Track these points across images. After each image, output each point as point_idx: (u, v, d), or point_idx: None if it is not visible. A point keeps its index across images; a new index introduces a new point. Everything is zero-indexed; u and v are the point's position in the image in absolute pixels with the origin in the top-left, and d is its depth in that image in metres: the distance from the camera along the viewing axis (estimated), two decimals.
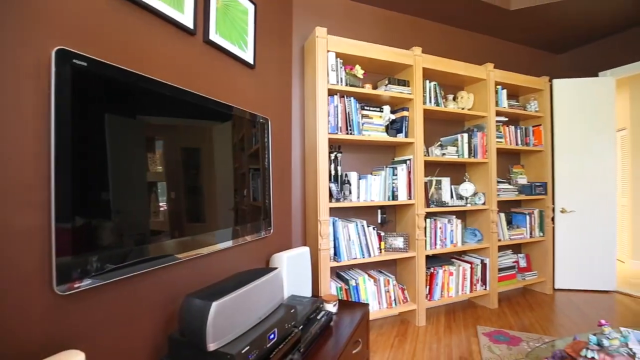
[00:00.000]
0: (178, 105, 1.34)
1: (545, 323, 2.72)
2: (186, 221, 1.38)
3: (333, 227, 2.35)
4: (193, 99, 1.41)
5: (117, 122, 1.08)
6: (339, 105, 2.36)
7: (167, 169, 1.29)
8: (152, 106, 1.23)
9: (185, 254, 1.35)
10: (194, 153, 1.46)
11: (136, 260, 1.12)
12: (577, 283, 3.52)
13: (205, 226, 1.49)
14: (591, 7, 2.98)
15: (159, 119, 1.26)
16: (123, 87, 1.10)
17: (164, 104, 1.27)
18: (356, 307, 2.06)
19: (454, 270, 2.85)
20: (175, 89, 1.31)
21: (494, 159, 3.03)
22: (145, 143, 1.20)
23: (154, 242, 1.21)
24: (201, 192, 1.47)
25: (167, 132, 1.30)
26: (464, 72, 2.90)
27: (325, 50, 2.30)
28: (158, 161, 1.25)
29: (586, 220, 3.50)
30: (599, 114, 3.50)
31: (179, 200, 1.34)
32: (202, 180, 1.48)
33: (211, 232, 1.51)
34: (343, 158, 2.63)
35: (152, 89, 1.21)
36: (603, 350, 1.22)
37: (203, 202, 1.49)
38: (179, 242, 1.31)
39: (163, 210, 1.26)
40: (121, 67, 1.09)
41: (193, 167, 1.44)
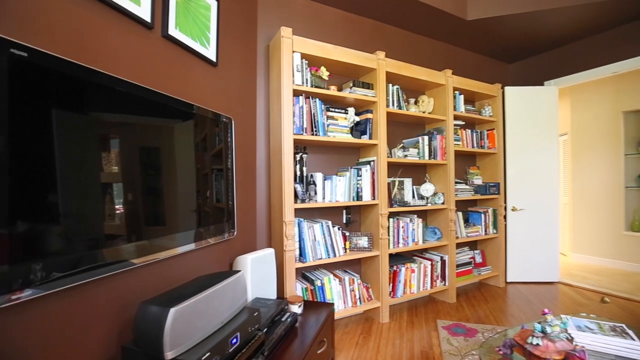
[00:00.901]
0: (135, 102, 1.27)
1: (498, 314, 2.90)
2: (144, 224, 1.31)
3: (298, 228, 2.35)
4: (151, 96, 1.34)
5: (66, 119, 1.00)
6: (304, 106, 2.36)
7: (124, 169, 1.21)
8: (107, 103, 1.15)
9: (143, 259, 1.28)
10: (153, 153, 1.39)
11: (87, 267, 1.05)
12: (526, 276, 3.79)
13: (165, 229, 1.42)
14: (538, 22, 3.23)
15: (114, 117, 1.19)
16: (72, 81, 1.02)
17: (120, 100, 1.20)
18: (321, 307, 2.07)
19: (416, 267, 2.96)
20: (131, 85, 1.24)
21: (452, 160, 3.18)
22: (99, 141, 1.13)
23: (109, 247, 1.14)
24: (161, 194, 1.41)
25: (123, 131, 1.22)
26: (424, 77, 3.03)
27: (290, 50, 2.29)
28: (113, 161, 1.18)
29: (534, 217, 3.79)
30: (544, 120, 3.81)
31: (136, 202, 1.27)
32: (162, 181, 1.42)
33: (172, 235, 1.45)
34: (308, 159, 2.64)
35: (105, 85, 1.13)
36: (546, 336, 1.33)
37: (163, 204, 1.42)
38: (136, 246, 1.25)
39: (119, 212, 1.19)
40: (69, 60, 1.01)
41: (152, 167, 1.37)
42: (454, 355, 2.17)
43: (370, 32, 3.12)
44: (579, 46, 3.70)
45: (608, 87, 4.62)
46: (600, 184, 4.71)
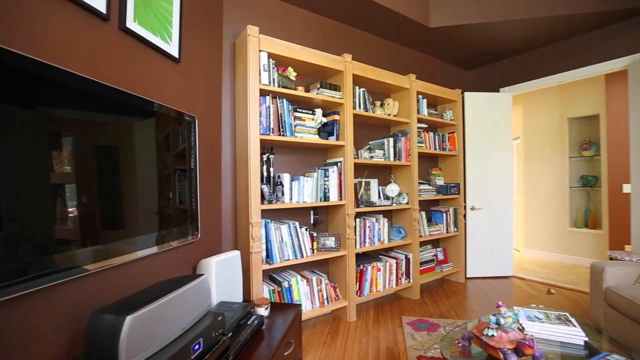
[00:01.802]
0: (89, 98, 1.19)
1: (458, 309, 3.04)
2: (101, 227, 1.23)
3: (265, 230, 2.32)
4: (107, 92, 1.26)
5: (8, 113, 0.91)
6: (271, 106, 2.34)
7: (77, 169, 1.13)
8: (57, 98, 1.07)
9: (99, 264, 1.20)
10: (111, 152, 1.31)
11: (34, 275, 0.96)
12: (483, 271, 4.02)
13: (124, 232, 1.34)
14: (495, 32, 3.44)
15: (66, 113, 1.10)
16: (17, 73, 0.94)
17: (72, 95, 1.12)
18: (288, 309, 2.06)
19: (382, 266, 3.03)
20: (83, 79, 1.16)
21: (416, 162, 3.30)
22: (48, 139, 1.04)
23: (60, 253, 1.05)
24: (120, 195, 1.33)
25: (76, 128, 1.14)
26: (390, 81, 3.11)
27: (257, 49, 2.26)
28: (66, 160, 1.09)
29: (490, 216, 4.02)
30: (499, 124, 4.06)
31: (92, 204, 1.19)
32: (121, 181, 1.34)
33: (131, 239, 1.37)
34: (275, 159, 2.62)
35: (55, 79, 1.05)
36: (500, 327, 1.41)
37: (122, 206, 1.34)
38: (91, 251, 1.16)
39: (72, 216, 1.11)
40: (11, 50, 0.93)
41: (110, 167, 1.29)
42: (417, 350, 2.24)
43: (338, 34, 3.16)
44: (530, 56, 3.98)
45: (555, 95, 5.01)
46: (549, 184, 5.10)
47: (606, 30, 3.34)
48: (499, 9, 3.18)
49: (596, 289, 2.50)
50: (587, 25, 3.30)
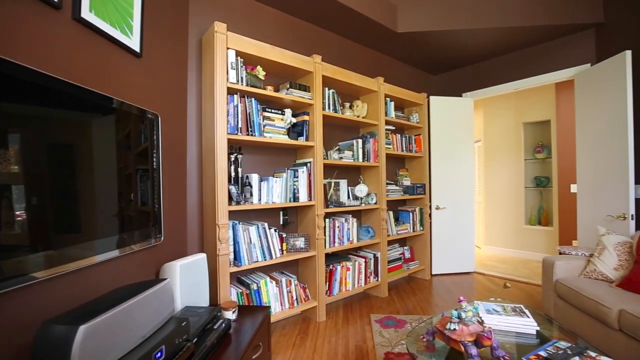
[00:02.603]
0: (39, 92, 1.10)
1: (424, 305, 3.15)
2: (54, 232, 1.14)
3: (233, 231, 2.27)
4: (59, 86, 1.18)
5: None
6: (239, 105, 2.29)
7: (26, 168, 1.04)
8: (2, 91, 0.98)
9: (51, 271, 1.10)
10: (66, 150, 1.22)
11: None
12: (447, 268, 4.19)
13: (79, 236, 1.25)
14: (458, 40, 3.60)
15: (12, 107, 1.01)
16: None
17: (19, 89, 1.03)
18: (257, 311, 2.03)
19: (351, 265, 3.07)
20: (31, 72, 1.07)
21: (384, 163, 3.37)
22: None
23: (4, 260, 0.96)
24: (75, 197, 1.24)
25: (24, 124, 1.05)
26: (359, 83, 3.16)
27: (224, 47, 2.21)
28: (12, 159, 1.00)
29: (454, 215, 4.20)
30: (462, 127, 4.25)
31: (43, 207, 1.10)
32: (77, 182, 1.25)
33: (88, 243, 1.28)
34: (244, 160, 2.57)
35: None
36: (462, 321, 1.48)
37: (78, 209, 1.25)
38: (42, 257, 1.08)
39: (20, 220, 1.02)
40: None
41: (64, 167, 1.20)
42: (385, 347, 2.29)
43: (308, 35, 3.16)
44: (490, 64, 4.20)
45: (512, 101, 5.34)
46: (506, 184, 5.42)
47: (556, 43, 3.61)
48: (462, 18, 3.34)
49: (547, 282, 2.69)
50: (539, 37, 3.55)
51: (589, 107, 3.13)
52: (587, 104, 3.16)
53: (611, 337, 2.02)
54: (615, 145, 2.81)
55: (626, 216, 2.71)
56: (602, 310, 2.03)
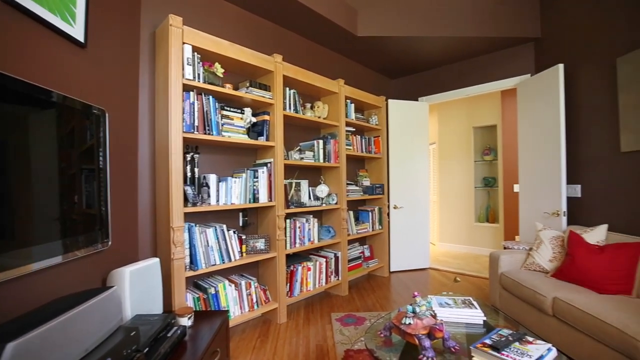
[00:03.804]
0: None
1: (383, 301, 3.24)
2: None
3: (189, 234, 2.18)
4: None
5: None
6: (195, 103, 2.21)
7: None
8: None
9: None
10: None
11: None
12: (405, 265, 4.36)
13: (12, 243, 1.12)
14: (414, 46, 3.76)
15: None
16: None
17: None
18: (214, 316, 1.97)
19: (312, 265, 3.08)
20: None
21: (345, 163, 3.43)
22: None
23: None
24: (7, 199, 1.11)
25: None
26: (320, 84, 3.19)
27: (180, 41, 2.12)
28: None
29: (410, 214, 4.38)
30: (418, 130, 4.45)
31: None
32: (10, 183, 1.12)
33: (22, 250, 1.15)
34: (201, 159, 2.48)
35: None
36: (416, 315, 1.54)
37: (10, 212, 1.12)
38: None
39: None
40: None
41: None
42: (345, 344, 2.33)
43: (269, 34, 3.13)
44: (444, 70, 4.44)
45: (463, 106, 5.69)
46: (458, 184, 5.76)
47: (502, 54, 3.90)
48: (418, 26, 3.49)
49: (494, 275, 2.90)
50: (487, 47, 3.81)
51: (529, 114, 3.43)
52: (527, 111, 3.45)
53: (546, 322, 2.22)
54: (551, 148, 3.10)
55: (559, 213, 3.00)
56: (539, 298, 2.23)
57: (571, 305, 1.99)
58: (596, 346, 1.83)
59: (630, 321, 1.68)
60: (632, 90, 2.48)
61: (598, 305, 1.90)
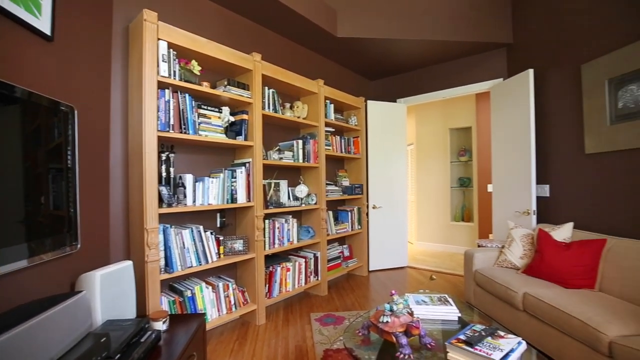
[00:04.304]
0: None
1: (362, 300, 3.27)
2: None
3: (164, 235, 2.12)
4: None
5: None
6: (171, 101, 2.15)
7: None
8: None
9: None
10: None
11: None
12: (383, 264, 4.42)
13: None
14: (393, 48, 3.82)
15: None
16: None
17: None
18: (191, 319, 1.92)
19: (291, 266, 3.07)
20: None
21: (324, 164, 3.44)
22: None
23: None
24: None
25: None
26: (299, 84, 3.18)
27: (155, 37, 2.05)
28: None
29: (389, 213, 4.45)
30: (396, 131, 4.53)
31: None
32: None
33: None
34: (177, 159, 2.42)
35: None
36: (393, 313, 1.56)
37: None
38: None
39: None
40: None
41: None
42: (324, 344, 2.33)
43: (248, 32, 3.09)
44: (421, 73, 4.54)
45: (440, 108, 5.83)
46: (435, 184, 5.90)
47: (477, 58, 4.03)
48: (397, 28, 3.55)
49: (468, 272, 2.99)
50: (463, 51, 3.93)
51: (501, 117, 3.56)
52: (500, 114, 3.58)
53: (517, 317, 2.31)
54: (521, 150, 3.23)
55: (529, 212, 3.13)
56: (510, 294, 2.32)
57: (539, 300, 2.08)
58: (562, 338, 1.92)
59: (593, 313, 1.77)
60: (594, 96, 2.62)
61: (564, 299, 2.00)
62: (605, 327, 1.66)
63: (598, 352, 1.68)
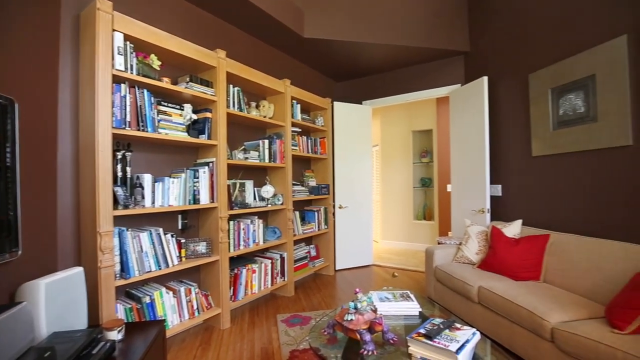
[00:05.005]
0: None
1: (328, 300, 3.30)
2: None
3: (119, 239, 2.00)
4: None
5: None
6: (127, 96, 2.03)
7: None
8: None
9: None
10: None
11: None
12: (350, 262, 4.49)
13: None
14: (360, 51, 3.88)
15: None
16: None
17: None
18: (149, 327, 1.83)
19: (257, 267, 3.02)
20: None
21: (290, 164, 3.43)
22: None
23: None
24: None
25: None
26: (265, 83, 3.14)
27: (109, 28, 1.93)
28: None
29: (354, 213, 4.53)
30: (362, 132, 4.62)
31: None
32: None
33: None
34: (134, 158, 2.29)
35: None
36: (358, 311, 1.59)
37: None
38: None
39: None
40: None
41: None
42: (290, 345, 2.32)
43: (213, 28, 3.00)
44: (386, 76, 4.66)
45: (403, 111, 6.03)
46: (399, 185, 6.09)
47: (438, 64, 4.22)
48: (363, 32, 3.62)
49: (429, 268, 3.12)
50: (425, 57, 4.09)
51: (459, 120, 3.75)
52: (458, 118, 3.78)
53: (473, 309, 2.45)
54: (477, 152, 3.43)
55: (484, 210, 3.33)
56: (467, 287, 2.46)
57: (492, 292, 2.22)
58: (512, 327, 2.07)
59: (538, 303, 1.93)
60: (539, 103, 2.85)
61: (513, 290, 2.15)
62: (548, 315, 1.81)
63: (542, 338, 1.82)
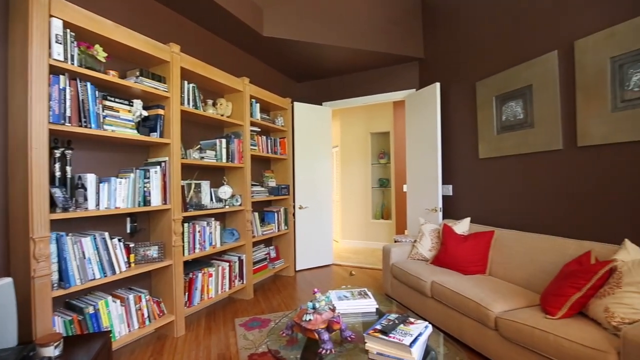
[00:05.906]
0: None
1: (288, 301, 3.28)
2: None
3: (57, 245, 1.82)
4: None
5: None
6: (67, 89, 1.86)
7: None
8: None
9: None
10: None
11: None
12: (310, 263, 4.50)
13: None
14: (320, 53, 3.91)
15: None
16: None
17: None
18: (92, 339, 1.69)
19: (214, 271, 2.92)
20: None
21: (249, 164, 3.36)
22: None
23: None
24: None
25: None
26: (223, 81, 3.05)
27: (46, 13, 1.75)
28: None
29: (315, 213, 4.55)
30: (322, 133, 4.66)
31: None
32: None
33: None
34: (75, 156, 2.10)
35: None
36: (316, 311, 1.60)
37: None
38: None
39: None
40: None
41: None
42: (249, 349, 2.27)
43: (166, 21, 2.85)
44: (346, 78, 4.74)
45: (362, 113, 6.18)
46: (358, 185, 6.23)
47: (394, 69, 4.37)
48: (320, 33, 3.64)
49: (386, 266, 3.22)
50: (382, 62, 4.22)
51: (414, 124, 3.92)
52: (412, 121, 3.95)
53: (427, 304, 2.57)
54: (430, 154, 3.61)
55: (437, 209, 3.52)
56: (421, 283, 2.58)
57: (443, 286, 2.35)
58: (461, 318, 2.20)
59: (484, 295, 2.07)
60: (484, 109, 3.07)
61: (462, 284, 2.29)
62: (492, 305, 1.95)
63: (487, 327, 1.97)
